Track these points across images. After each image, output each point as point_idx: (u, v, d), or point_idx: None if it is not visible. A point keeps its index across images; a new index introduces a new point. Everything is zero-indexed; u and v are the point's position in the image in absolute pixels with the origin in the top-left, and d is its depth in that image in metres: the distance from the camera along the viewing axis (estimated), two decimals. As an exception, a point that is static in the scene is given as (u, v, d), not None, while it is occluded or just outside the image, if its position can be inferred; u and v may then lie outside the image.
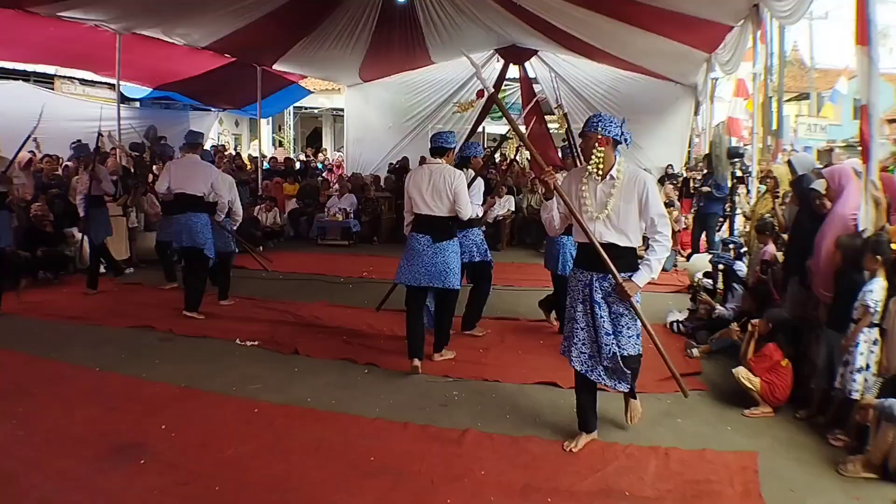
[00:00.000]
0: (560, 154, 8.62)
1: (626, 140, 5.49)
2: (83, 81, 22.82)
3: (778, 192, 8.81)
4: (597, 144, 5.38)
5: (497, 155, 20.98)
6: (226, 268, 10.75)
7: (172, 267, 11.54)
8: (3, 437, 5.75)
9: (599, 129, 5.39)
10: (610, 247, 5.41)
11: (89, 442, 5.67)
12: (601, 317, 5.47)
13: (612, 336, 5.51)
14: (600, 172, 5.43)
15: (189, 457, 5.45)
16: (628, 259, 5.51)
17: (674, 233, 14.25)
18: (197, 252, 9.75)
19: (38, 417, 6.18)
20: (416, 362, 7.53)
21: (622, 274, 5.37)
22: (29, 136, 10.35)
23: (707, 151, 15.90)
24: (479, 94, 5.90)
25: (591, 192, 5.51)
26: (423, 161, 20.02)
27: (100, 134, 11.46)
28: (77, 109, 18.33)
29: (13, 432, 5.85)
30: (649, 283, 5.62)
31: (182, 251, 10.11)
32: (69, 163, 14.70)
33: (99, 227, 11.49)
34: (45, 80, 21.32)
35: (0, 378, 7.26)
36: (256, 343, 8.50)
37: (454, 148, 7.91)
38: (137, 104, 21.90)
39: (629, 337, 5.57)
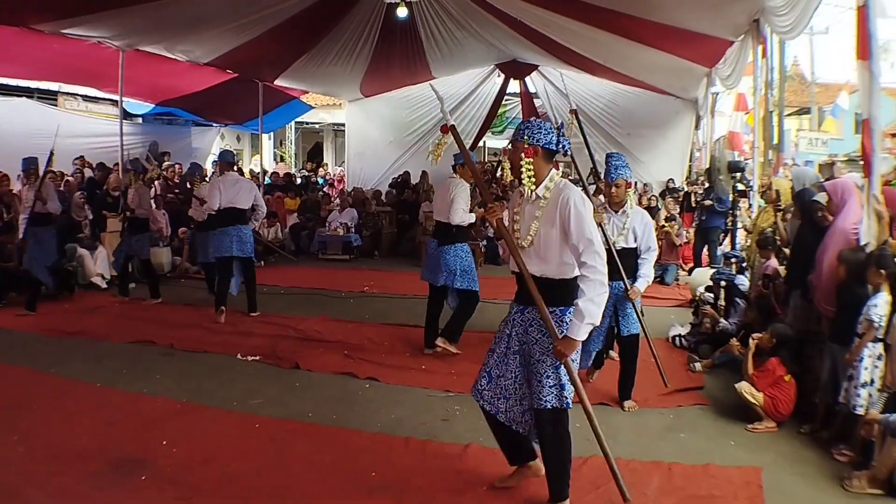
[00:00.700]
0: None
1: (563, 149, 4.70)
2: (86, 98, 22.83)
3: (780, 206, 8.81)
4: (523, 155, 4.60)
5: (499, 171, 21.01)
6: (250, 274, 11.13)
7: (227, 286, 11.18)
8: (3, 453, 5.73)
9: (526, 136, 4.62)
10: (539, 280, 4.64)
11: (90, 457, 5.65)
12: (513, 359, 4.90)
13: (526, 386, 4.86)
14: (533, 189, 4.68)
15: (190, 472, 5.44)
16: (560, 293, 4.65)
17: (675, 246, 14.25)
18: (248, 260, 10.84)
19: (38, 433, 6.16)
20: (427, 350, 8.57)
21: (556, 308, 4.62)
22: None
23: (708, 166, 15.92)
24: (443, 129, 5.95)
25: (521, 214, 4.81)
26: (424, 175, 20.20)
27: (52, 152, 11.32)
28: (80, 126, 18.40)
29: (14, 448, 5.83)
30: (652, 297, 5.61)
31: (221, 261, 10.66)
32: (70, 178, 14.76)
33: (40, 249, 11.20)
34: (49, 97, 21.35)
35: (1, 393, 7.25)
36: (257, 358, 8.48)
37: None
38: (140, 120, 21.96)
39: (549, 387, 4.67)
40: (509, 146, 5.42)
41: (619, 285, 6.72)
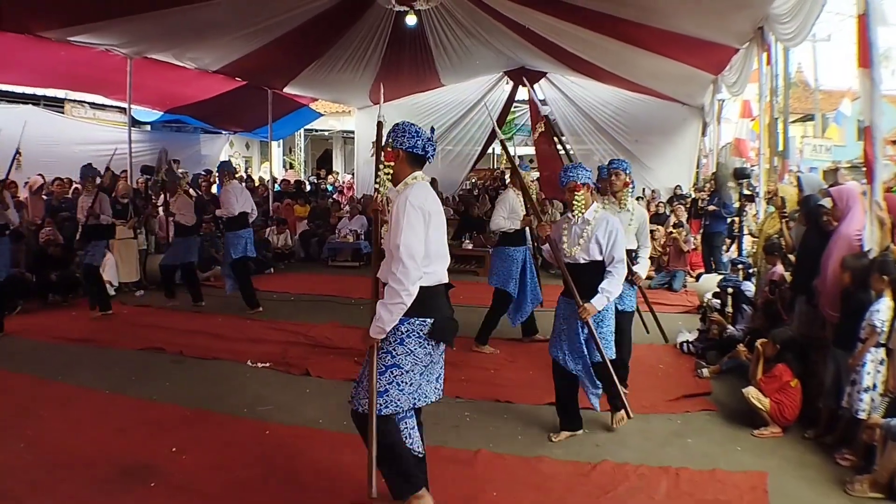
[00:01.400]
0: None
1: (427, 154, 4.68)
2: (93, 105, 22.91)
3: (785, 213, 8.86)
4: (383, 159, 4.68)
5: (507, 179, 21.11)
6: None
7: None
8: (11, 460, 5.78)
9: (391, 140, 4.66)
10: None
11: (98, 464, 5.70)
12: None
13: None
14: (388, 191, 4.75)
15: (199, 479, 5.48)
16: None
17: (683, 253, 14.28)
18: (252, 259, 12.12)
19: (46, 440, 6.22)
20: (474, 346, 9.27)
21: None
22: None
23: (714, 172, 15.95)
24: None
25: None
26: (434, 182, 20.27)
27: (18, 151, 11.16)
28: (87, 133, 18.49)
29: (21, 455, 5.89)
30: (660, 303, 5.70)
31: (240, 262, 11.64)
32: (79, 185, 14.86)
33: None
34: (56, 104, 21.43)
35: (8, 401, 7.30)
36: (267, 364, 8.52)
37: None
38: (148, 127, 22.03)
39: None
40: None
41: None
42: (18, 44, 12.00)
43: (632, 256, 7.25)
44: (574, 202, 6.15)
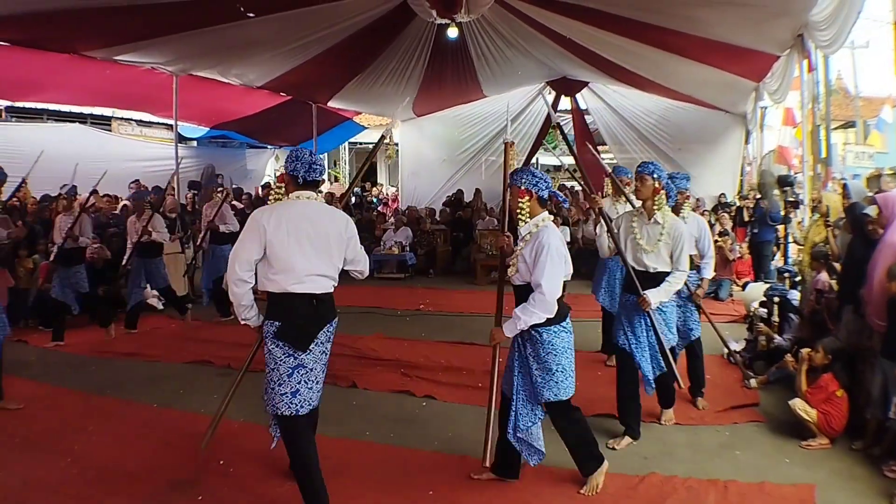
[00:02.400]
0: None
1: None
2: (140, 122, 23.23)
3: (829, 222, 8.79)
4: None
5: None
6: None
7: None
8: (57, 475, 5.87)
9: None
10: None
11: (145, 478, 5.79)
12: None
13: None
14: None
15: (246, 492, 5.56)
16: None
17: (729, 262, 14.19)
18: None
19: (93, 454, 6.30)
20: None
21: None
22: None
23: (758, 180, 15.86)
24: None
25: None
26: (478, 192, 20.39)
27: (24, 180, 10.71)
28: (135, 150, 18.77)
29: (67, 470, 5.97)
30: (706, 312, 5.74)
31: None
32: (127, 202, 15.07)
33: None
34: (103, 122, 21.74)
35: (55, 416, 7.39)
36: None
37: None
38: (195, 143, 22.28)
39: None
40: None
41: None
42: (65, 64, 12.23)
43: (657, 280, 6.34)
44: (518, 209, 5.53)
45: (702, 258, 7.59)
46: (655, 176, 6.32)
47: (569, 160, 21.97)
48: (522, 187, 5.38)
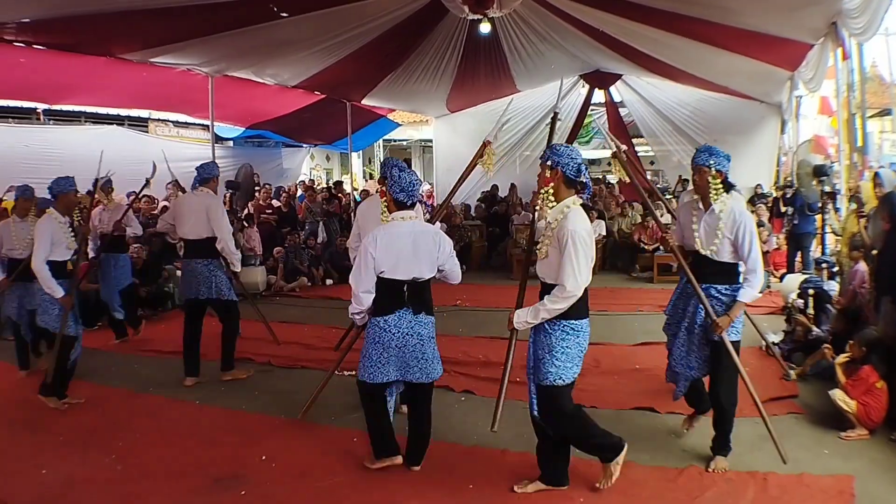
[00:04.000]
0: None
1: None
2: (177, 123, 23.44)
3: (863, 212, 8.74)
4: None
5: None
6: None
7: None
8: (102, 473, 5.98)
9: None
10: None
11: (189, 475, 5.89)
12: None
13: None
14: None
15: (288, 487, 5.64)
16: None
17: (765, 253, 14.12)
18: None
19: (137, 452, 6.41)
20: None
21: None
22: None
23: (795, 170, 15.76)
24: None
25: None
26: (513, 187, 20.41)
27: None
28: (172, 151, 18.94)
29: (112, 467, 6.09)
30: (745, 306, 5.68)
31: None
32: (166, 202, 15.24)
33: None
34: (140, 124, 21.96)
35: (99, 414, 7.53)
36: (353, 373, 8.58)
37: None
38: (231, 143, 22.45)
39: None
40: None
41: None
42: (102, 67, 12.34)
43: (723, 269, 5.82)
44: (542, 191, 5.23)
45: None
46: (710, 164, 5.73)
47: (602, 154, 21.98)
48: (548, 163, 5.13)
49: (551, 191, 5.08)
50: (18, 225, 8.77)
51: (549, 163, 5.10)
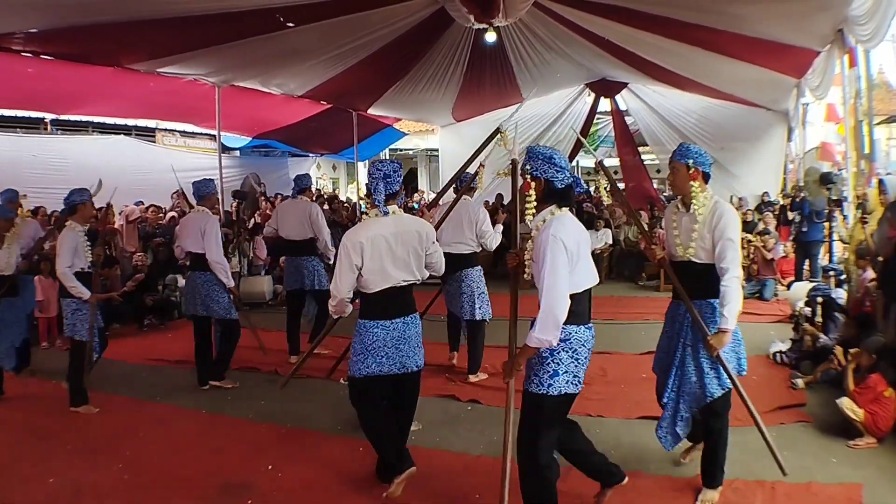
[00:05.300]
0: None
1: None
2: (184, 133, 23.51)
3: (867, 219, 8.72)
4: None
5: (592, 188, 21.12)
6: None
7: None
8: (109, 481, 5.97)
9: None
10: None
11: (195, 483, 5.89)
12: None
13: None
14: None
15: (295, 496, 5.64)
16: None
17: (771, 261, 14.08)
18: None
19: (144, 460, 6.41)
20: None
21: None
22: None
23: (802, 177, 15.75)
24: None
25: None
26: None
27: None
28: (179, 160, 19.01)
29: (119, 476, 6.08)
30: (750, 312, 5.62)
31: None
32: (173, 212, 15.28)
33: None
34: (147, 134, 22.02)
35: (107, 422, 7.52)
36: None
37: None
38: (237, 153, 22.51)
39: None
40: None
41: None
42: (110, 77, 12.41)
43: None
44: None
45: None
46: (687, 161, 5.33)
47: (608, 162, 21.95)
48: (529, 174, 4.60)
49: (533, 198, 4.58)
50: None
51: (527, 167, 4.61)
